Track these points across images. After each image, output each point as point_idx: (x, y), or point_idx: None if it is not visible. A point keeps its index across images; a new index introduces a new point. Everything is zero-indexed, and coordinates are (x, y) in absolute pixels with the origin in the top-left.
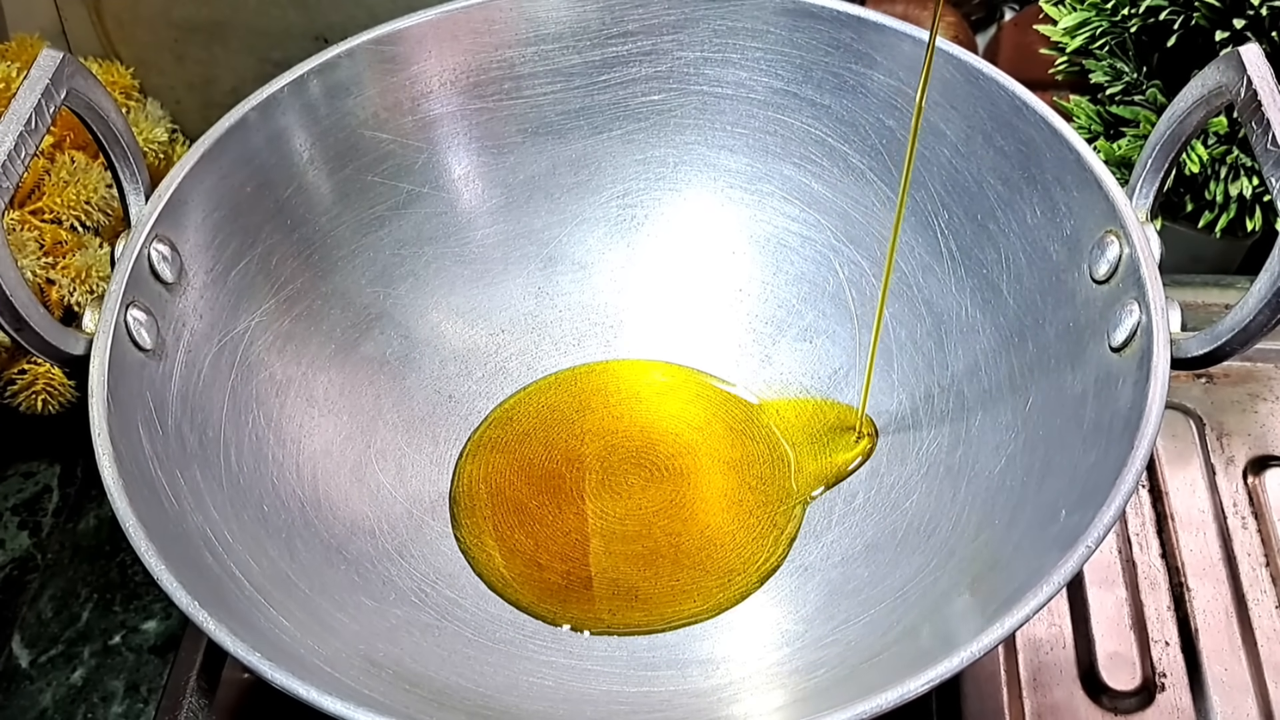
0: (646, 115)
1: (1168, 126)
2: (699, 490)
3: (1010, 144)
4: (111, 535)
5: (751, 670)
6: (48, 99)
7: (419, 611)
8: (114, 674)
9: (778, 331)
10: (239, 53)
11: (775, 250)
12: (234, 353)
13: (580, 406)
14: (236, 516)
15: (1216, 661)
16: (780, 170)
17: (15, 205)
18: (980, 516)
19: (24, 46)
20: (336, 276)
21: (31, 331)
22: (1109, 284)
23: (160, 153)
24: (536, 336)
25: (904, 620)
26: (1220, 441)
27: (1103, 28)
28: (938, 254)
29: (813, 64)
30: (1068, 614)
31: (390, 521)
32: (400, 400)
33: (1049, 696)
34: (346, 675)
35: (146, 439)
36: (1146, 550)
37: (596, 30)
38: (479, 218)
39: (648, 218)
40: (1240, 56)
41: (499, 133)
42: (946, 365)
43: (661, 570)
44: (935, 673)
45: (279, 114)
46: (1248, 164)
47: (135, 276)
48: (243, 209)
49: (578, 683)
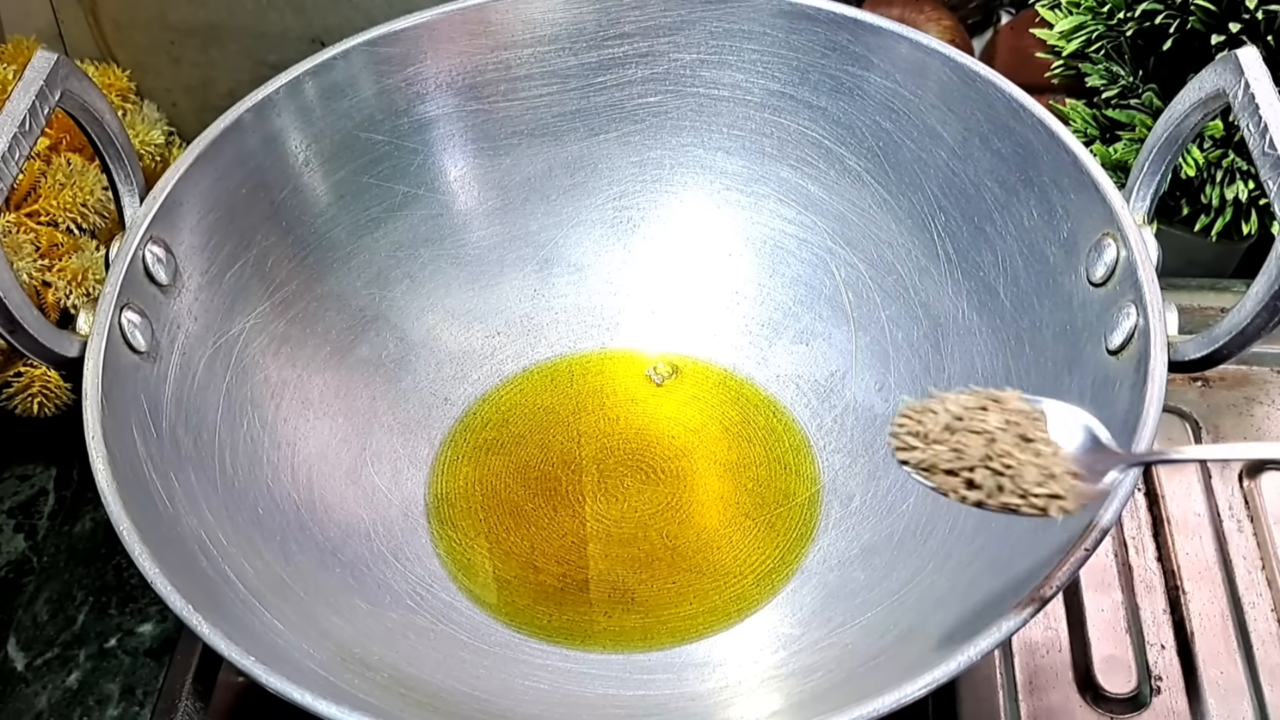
0: (643, 117)
1: (1164, 130)
2: (696, 493)
3: (1007, 147)
4: (107, 538)
5: (748, 674)
6: (42, 100)
7: (414, 615)
8: (109, 677)
9: (774, 334)
10: (235, 55)
11: (771, 252)
12: (229, 355)
13: (576, 409)
14: (231, 519)
15: (1212, 665)
16: (777, 172)
17: (11, 207)
18: (977, 520)
19: (20, 49)
20: (332, 279)
21: (26, 334)
22: (1106, 287)
23: (157, 155)
24: (532, 339)
25: (901, 624)
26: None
27: (1099, 31)
28: (934, 256)
29: (809, 66)
30: (1064, 617)
31: (385, 524)
32: (396, 403)
33: (1045, 700)
34: (341, 679)
35: (141, 442)
36: (1142, 554)
37: (593, 32)
38: (475, 220)
39: (644, 220)
40: (1238, 59)
41: (495, 134)
42: (943, 368)
43: (658, 573)
44: (932, 676)
45: (274, 116)
46: (1244, 167)
47: (130, 278)
48: (238, 211)
49: (573, 686)
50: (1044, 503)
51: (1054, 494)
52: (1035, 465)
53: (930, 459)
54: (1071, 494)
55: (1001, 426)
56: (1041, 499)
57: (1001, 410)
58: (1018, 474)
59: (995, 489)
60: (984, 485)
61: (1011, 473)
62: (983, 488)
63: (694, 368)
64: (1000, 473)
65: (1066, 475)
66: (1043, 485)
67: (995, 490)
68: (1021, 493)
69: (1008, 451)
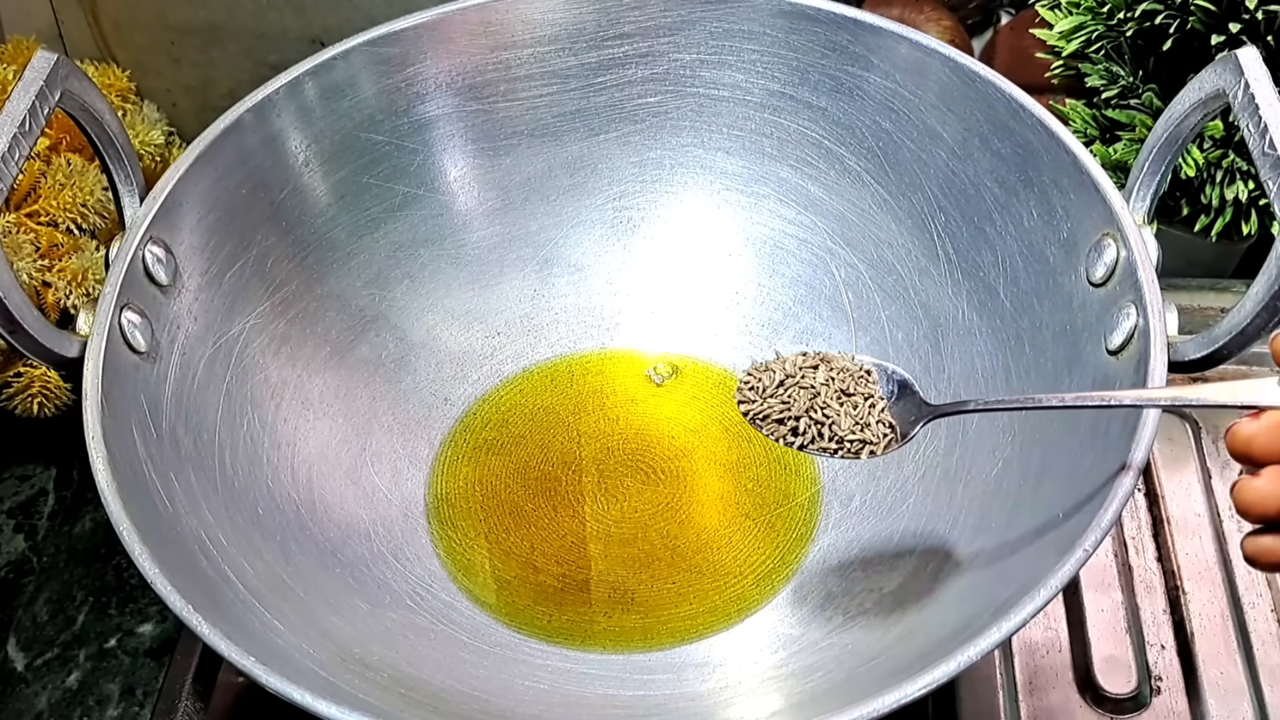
0: (643, 117)
1: (1165, 130)
2: (695, 493)
3: (1007, 147)
4: (107, 538)
5: (748, 674)
6: (42, 101)
7: (414, 615)
8: (109, 677)
9: (774, 334)
10: (235, 56)
11: (771, 253)
12: (229, 355)
13: (576, 409)
14: (231, 520)
15: (1212, 665)
16: (777, 173)
17: (11, 208)
18: (977, 520)
19: (20, 49)
20: (332, 279)
21: (26, 334)
22: (1106, 287)
23: (157, 155)
24: (532, 339)
25: (900, 623)
26: (1216, 445)
27: (1098, 31)
28: (934, 257)
29: (809, 66)
30: (1064, 618)
31: (385, 524)
32: (395, 403)
33: (1045, 700)
34: (341, 679)
35: (141, 442)
36: (1143, 554)
37: (593, 32)
38: (475, 220)
39: (644, 220)
40: (1238, 59)
41: (495, 134)
42: (943, 368)
43: (658, 573)
44: (932, 677)
45: (274, 116)
46: (1244, 168)
47: (130, 279)
48: (238, 211)
49: (573, 686)
50: (856, 448)
51: (865, 440)
52: (851, 416)
53: (764, 410)
54: (881, 441)
55: (825, 383)
56: (854, 445)
57: (829, 369)
58: (835, 423)
59: (816, 435)
60: (806, 433)
61: (830, 422)
62: (805, 434)
63: (694, 368)
64: (820, 422)
65: (879, 425)
66: (854, 433)
67: (816, 437)
68: (838, 439)
69: (828, 404)
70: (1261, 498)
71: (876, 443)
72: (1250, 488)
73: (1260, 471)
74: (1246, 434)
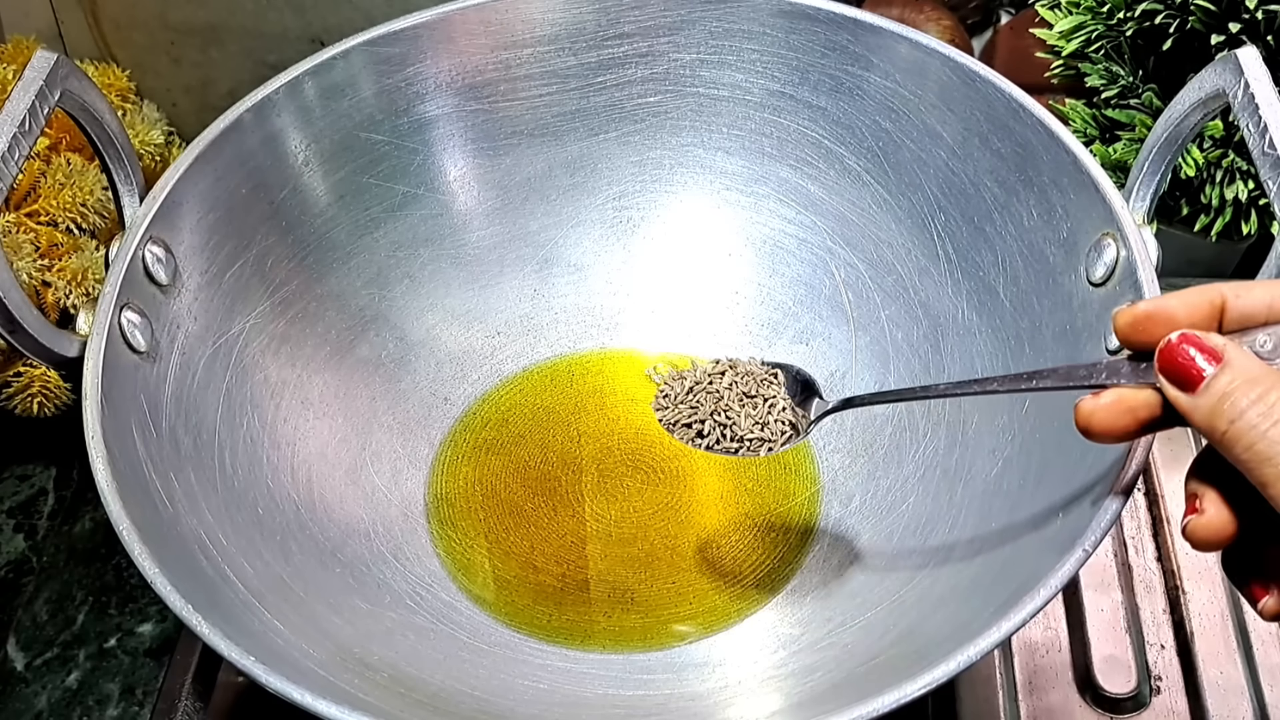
0: (643, 117)
1: (1165, 129)
2: (695, 493)
3: (1007, 147)
4: (107, 538)
5: (748, 674)
6: (41, 100)
7: (414, 615)
8: (109, 677)
9: (774, 334)
10: (235, 55)
11: (771, 252)
12: (229, 355)
13: (576, 409)
14: (231, 519)
15: (1212, 665)
16: (776, 172)
17: (11, 207)
18: (977, 520)
19: (20, 49)
20: (332, 279)
21: (25, 334)
22: (1106, 286)
23: (157, 155)
24: (532, 339)
25: (900, 623)
26: None
27: (1098, 31)
28: (934, 256)
29: (809, 66)
30: (1063, 617)
31: (385, 524)
32: (395, 403)
33: (1044, 700)
34: (341, 679)
35: (141, 442)
36: (1142, 554)
37: (593, 32)
38: (475, 220)
39: (644, 220)
40: (1238, 59)
41: (495, 134)
42: (943, 368)
43: (658, 573)
44: (931, 676)
45: (274, 116)
46: (1243, 167)
47: (130, 278)
48: (238, 211)
49: (573, 686)
50: (756, 446)
51: (764, 438)
52: (751, 417)
53: (675, 416)
54: (779, 439)
55: (729, 387)
56: (754, 443)
57: (734, 373)
58: (736, 424)
59: (720, 437)
60: (710, 434)
61: (731, 424)
62: (710, 435)
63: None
64: (723, 424)
65: (778, 424)
66: (753, 432)
67: (720, 438)
68: (739, 438)
69: (730, 407)
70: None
71: (775, 440)
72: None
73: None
74: (1087, 410)
